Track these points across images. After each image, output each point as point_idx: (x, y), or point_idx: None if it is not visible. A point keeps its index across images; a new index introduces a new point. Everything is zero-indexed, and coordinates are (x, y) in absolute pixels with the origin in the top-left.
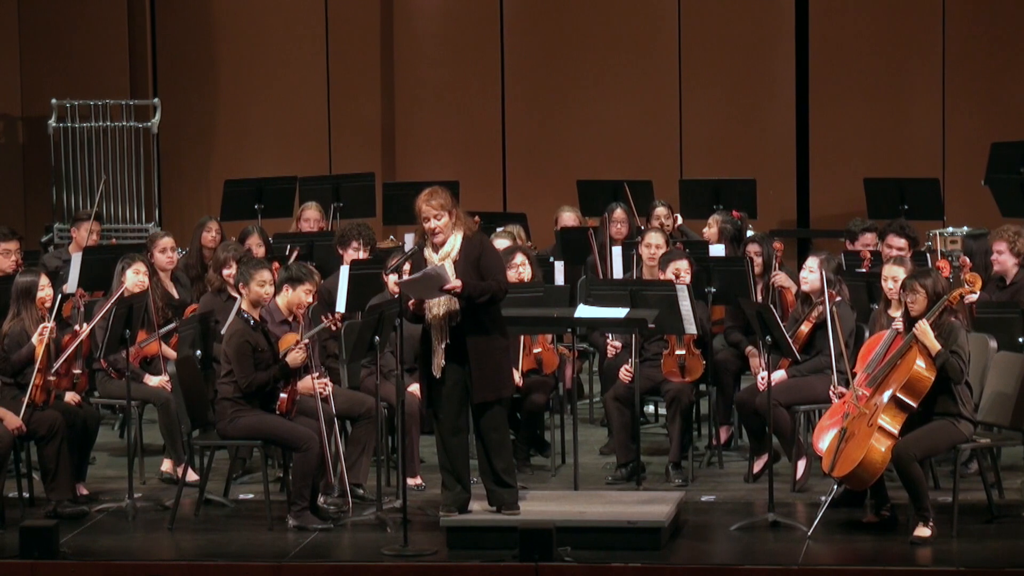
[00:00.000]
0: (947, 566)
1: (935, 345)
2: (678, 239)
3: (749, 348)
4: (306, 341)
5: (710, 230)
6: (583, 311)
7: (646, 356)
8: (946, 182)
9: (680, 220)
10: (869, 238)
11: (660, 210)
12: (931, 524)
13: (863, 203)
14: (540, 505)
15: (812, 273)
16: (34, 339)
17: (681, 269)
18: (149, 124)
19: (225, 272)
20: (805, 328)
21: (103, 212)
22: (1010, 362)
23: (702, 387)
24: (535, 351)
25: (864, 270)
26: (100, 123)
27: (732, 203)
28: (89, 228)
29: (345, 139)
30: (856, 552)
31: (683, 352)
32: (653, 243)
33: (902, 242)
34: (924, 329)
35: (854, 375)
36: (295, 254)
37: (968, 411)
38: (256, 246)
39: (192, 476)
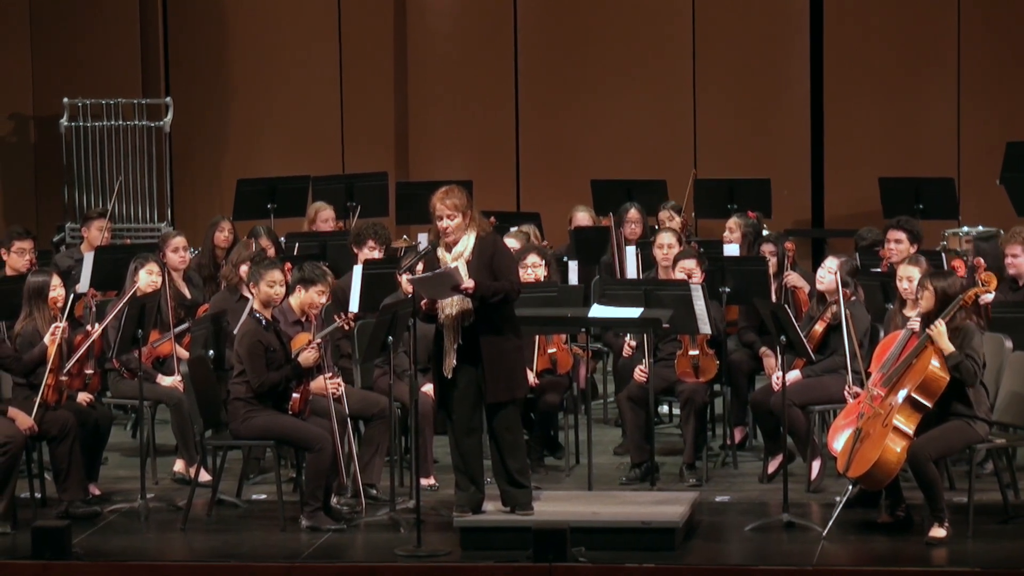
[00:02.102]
0: (962, 567)
1: (948, 347)
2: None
3: (763, 348)
4: (319, 341)
5: (732, 234)
6: (597, 311)
7: (660, 356)
8: (961, 181)
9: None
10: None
11: (663, 213)
12: (946, 524)
13: (878, 203)
14: (554, 505)
15: (830, 274)
16: (46, 339)
17: (688, 268)
18: (161, 123)
19: (242, 269)
20: (819, 328)
21: (115, 211)
22: None
23: (716, 387)
24: (549, 351)
25: (881, 270)
26: (112, 122)
27: (747, 203)
28: (100, 227)
29: (358, 138)
30: (871, 553)
31: (696, 352)
32: (665, 243)
33: (900, 234)
34: (940, 331)
35: (869, 375)
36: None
37: (984, 411)
38: (266, 247)
39: (205, 476)
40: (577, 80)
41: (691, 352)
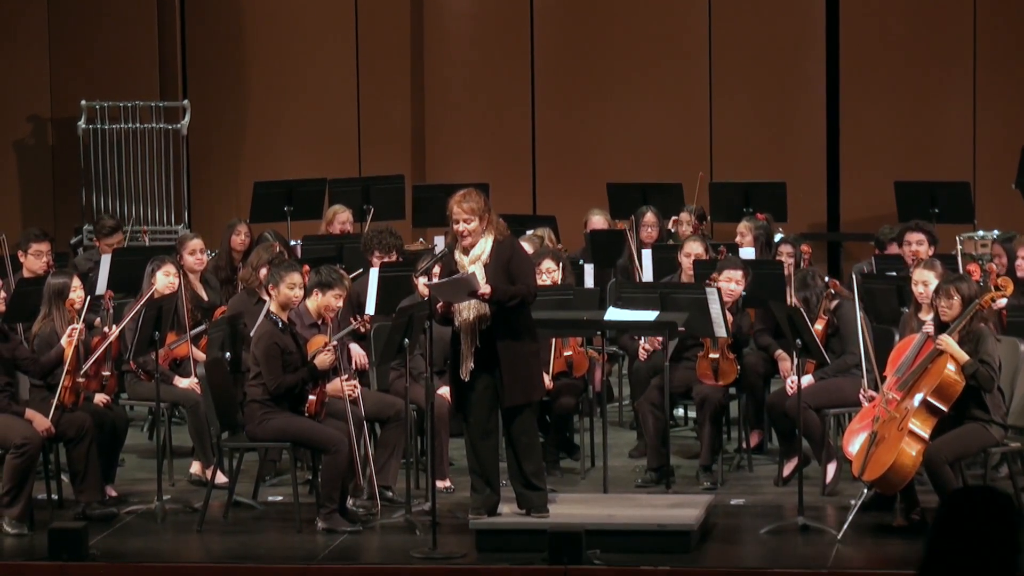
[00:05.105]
0: None
1: (963, 356)
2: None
3: (779, 351)
4: (335, 343)
5: (743, 238)
6: (613, 314)
7: (682, 356)
8: (977, 185)
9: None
10: (896, 247)
11: (683, 215)
12: None
13: (893, 206)
14: (569, 508)
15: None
16: (63, 341)
17: (735, 278)
18: (178, 126)
19: (262, 272)
20: (818, 327)
21: (131, 213)
22: None
23: (732, 390)
24: (565, 354)
25: (896, 273)
26: (129, 125)
27: (762, 206)
28: (111, 244)
29: (375, 141)
30: (886, 556)
31: (717, 356)
32: (692, 252)
33: (919, 236)
34: (948, 342)
35: (883, 378)
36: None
37: (999, 415)
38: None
39: (221, 478)
40: (593, 83)
41: (712, 355)
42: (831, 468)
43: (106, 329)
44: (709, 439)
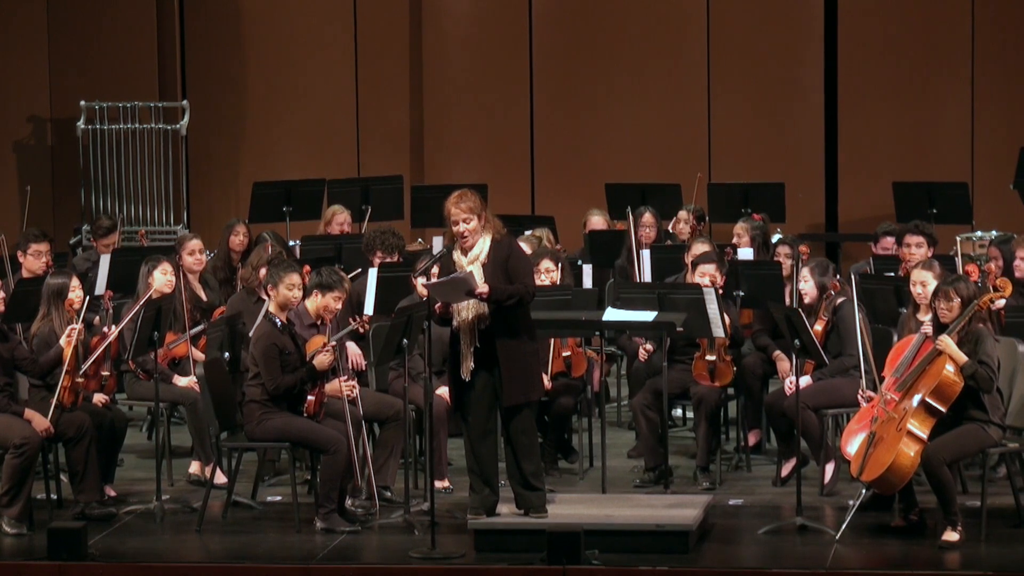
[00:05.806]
0: (975, 570)
1: (961, 358)
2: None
3: (777, 352)
4: (333, 343)
5: (740, 239)
6: (611, 314)
7: (678, 358)
8: (975, 186)
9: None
10: (888, 242)
11: (681, 214)
12: (959, 528)
13: (892, 207)
14: (568, 508)
15: (806, 283)
16: (62, 341)
17: (708, 272)
18: (178, 126)
19: (261, 272)
20: (818, 327)
21: (131, 214)
22: None
23: (730, 390)
24: (563, 354)
25: (894, 273)
26: (129, 125)
27: (760, 207)
28: (107, 244)
29: (373, 142)
30: (884, 556)
31: (714, 358)
32: (699, 253)
33: (919, 238)
34: (947, 343)
35: (882, 379)
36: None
37: (998, 416)
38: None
39: (220, 478)
40: (592, 84)
41: (708, 357)
42: (829, 468)
43: (105, 329)
44: (706, 439)
